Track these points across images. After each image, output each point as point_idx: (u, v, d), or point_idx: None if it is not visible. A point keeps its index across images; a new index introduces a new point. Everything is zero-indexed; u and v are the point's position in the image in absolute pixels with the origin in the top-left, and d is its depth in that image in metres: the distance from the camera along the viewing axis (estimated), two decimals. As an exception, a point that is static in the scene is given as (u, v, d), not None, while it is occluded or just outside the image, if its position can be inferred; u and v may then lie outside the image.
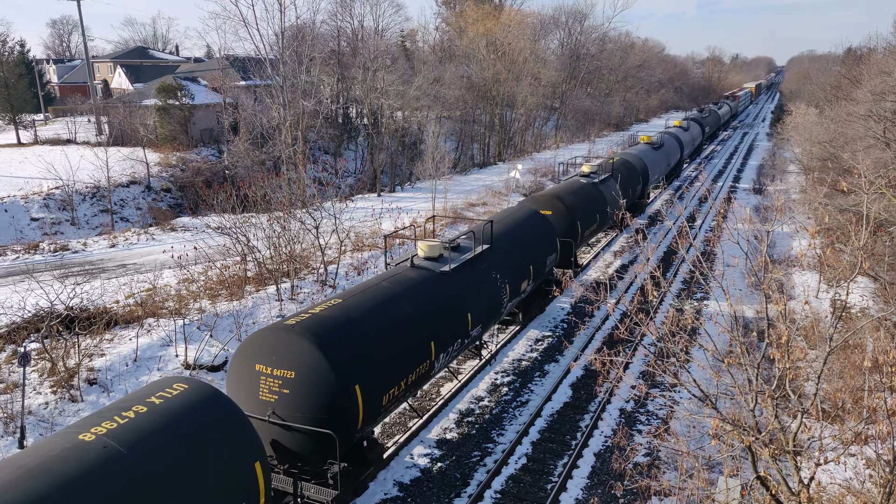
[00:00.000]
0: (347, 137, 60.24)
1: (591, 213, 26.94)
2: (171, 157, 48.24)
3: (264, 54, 44.82)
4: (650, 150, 41.98)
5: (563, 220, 24.79)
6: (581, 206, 26.09)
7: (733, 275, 26.21)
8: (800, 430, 8.82)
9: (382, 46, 54.21)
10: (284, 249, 24.08)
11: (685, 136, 54.28)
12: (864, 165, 18.92)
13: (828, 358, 8.75)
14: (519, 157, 62.23)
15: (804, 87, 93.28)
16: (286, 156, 43.52)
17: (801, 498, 8.40)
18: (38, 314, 18.83)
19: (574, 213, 25.19)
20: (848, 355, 16.32)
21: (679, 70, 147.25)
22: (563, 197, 25.71)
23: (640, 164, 36.92)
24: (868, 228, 9.84)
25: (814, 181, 34.00)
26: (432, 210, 36.62)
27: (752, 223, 11.92)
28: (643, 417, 16.81)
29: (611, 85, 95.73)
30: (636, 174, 35.59)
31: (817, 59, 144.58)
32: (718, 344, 10.03)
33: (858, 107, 31.63)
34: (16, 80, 58.55)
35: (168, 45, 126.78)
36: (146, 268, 26.19)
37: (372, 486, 13.81)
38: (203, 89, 58.33)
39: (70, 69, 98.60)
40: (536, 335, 21.85)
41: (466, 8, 74.30)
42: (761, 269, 9.57)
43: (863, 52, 67.14)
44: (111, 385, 16.68)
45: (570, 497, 13.62)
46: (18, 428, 14.25)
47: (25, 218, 36.12)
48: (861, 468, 12.24)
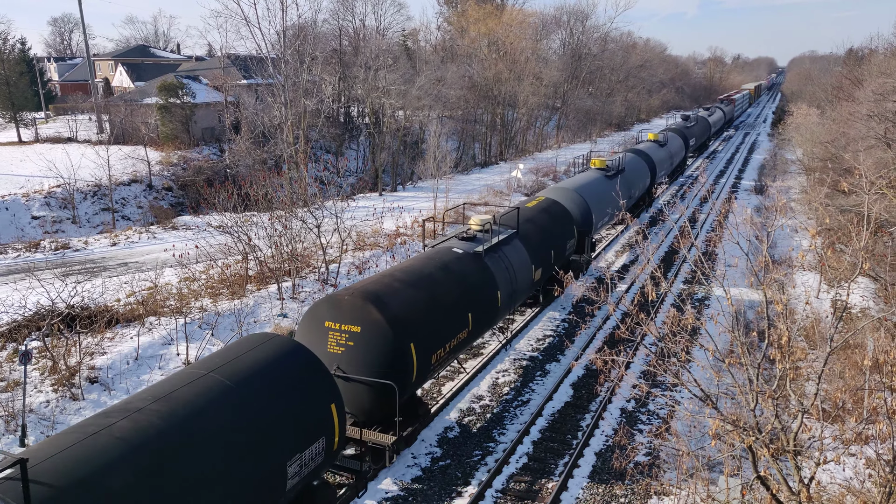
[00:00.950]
0: (349, 136, 60.25)
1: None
2: (173, 156, 48.26)
3: (266, 53, 44.82)
4: (601, 178, 30.34)
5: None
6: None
7: (734, 275, 26.22)
8: (800, 430, 8.83)
9: (384, 46, 54.20)
10: (286, 248, 24.09)
11: (659, 153, 42.31)
12: (865, 166, 18.91)
13: (828, 358, 8.76)
14: (520, 157, 62.22)
15: (805, 87, 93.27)
16: (288, 155, 43.53)
17: (801, 497, 8.42)
18: (40, 312, 18.85)
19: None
20: (848, 355, 16.32)
21: (680, 70, 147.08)
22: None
23: (582, 206, 26.48)
24: (869, 229, 9.85)
25: (815, 181, 33.98)
26: (433, 210, 36.62)
27: (752, 223, 11.94)
28: (644, 417, 16.82)
29: (612, 85, 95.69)
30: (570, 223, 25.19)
31: (819, 60, 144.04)
32: (719, 344, 10.04)
33: (860, 107, 31.63)
34: (17, 78, 58.55)
35: (169, 44, 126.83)
36: (147, 266, 26.21)
37: (372, 485, 13.83)
38: (204, 88, 58.34)
39: (71, 67, 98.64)
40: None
41: (468, 7, 74.27)
42: (762, 270, 9.58)
43: (864, 53, 67.14)
44: (112, 384, 16.71)
45: (572, 496, 13.63)
46: (19, 426, 14.28)
47: (26, 216, 36.15)
48: (861, 468, 12.25)
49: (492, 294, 17.49)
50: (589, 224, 26.37)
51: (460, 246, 17.83)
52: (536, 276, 20.80)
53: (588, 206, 26.46)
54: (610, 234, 35.43)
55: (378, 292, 13.90)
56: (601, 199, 28.36)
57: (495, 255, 18.43)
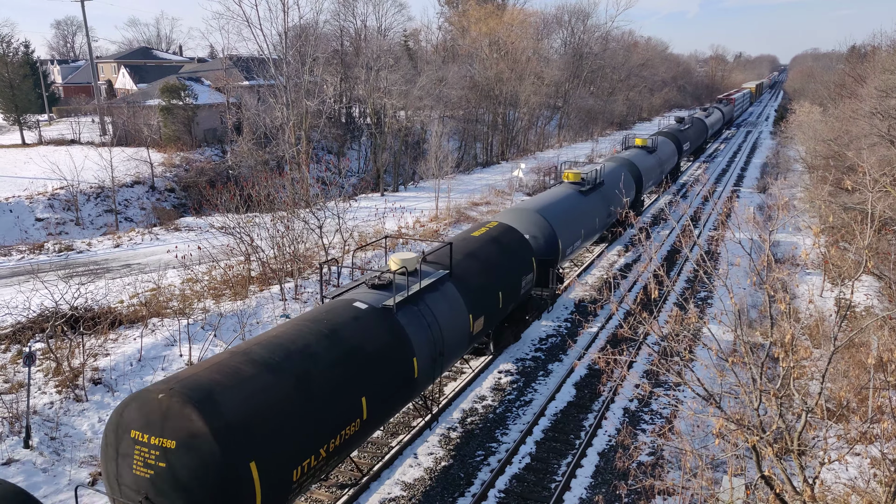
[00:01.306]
0: (351, 137, 60.28)
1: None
2: (175, 157, 48.34)
3: (267, 54, 44.87)
4: (573, 195, 26.22)
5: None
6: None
7: (737, 274, 26.16)
8: (804, 430, 8.80)
9: (385, 46, 54.24)
10: (288, 249, 24.11)
11: (647, 161, 37.52)
12: (868, 163, 18.88)
13: (832, 357, 8.73)
14: (522, 157, 62.19)
15: (808, 85, 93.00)
16: (289, 155, 43.57)
17: (805, 497, 8.39)
18: (43, 314, 18.89)
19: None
20: (853, 354, 16.27)
21: (682, 69, 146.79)
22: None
23: (546, 231, 22.43)
24: (873, 227, 9.81)
25: (818, 179, 33.91)
26: (436, 209, 36.63)
27: (755, 222, 11.91)
28: (647, 417, 16.79)
29: (614, 84, 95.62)
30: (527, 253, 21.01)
31: (821, 58, 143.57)
32: (722, 343, 10.01)
33: (863, 104, 31.54)
34: (20, 80, 58.70)
35: (171, 46, 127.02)
36: (150, 268, 26.25)
37: (374, 485, 13.82)
38: (206, 89, 58.43)
39: (74, 70, 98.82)
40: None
41: (469, 7, 74.28)
42: (764, 269, 9.55)
43: (867, 50, 66.94)
44: (116, 385, 16.74)
45: (574, 496, 13.62)
46: (24, 427, 14.31)
47: (30, 218, 36.24)
48: (866, 467, 12.21)
49: (403, 362, 13.34)
50: (554, 252, 22.20)
51: (366, 297, 13.84)
52: (476, 327, 16.59)
53: (553, 230, 22.24)
54: (586, 257, 30.52)
55: (210, 385, 9.74)
56: (571, 220, 24.21)
57: (415, 307, 14.38)
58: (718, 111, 78.07)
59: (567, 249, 23.52)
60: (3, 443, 14.11)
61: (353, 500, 13.26)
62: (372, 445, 15.33)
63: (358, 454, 14.76)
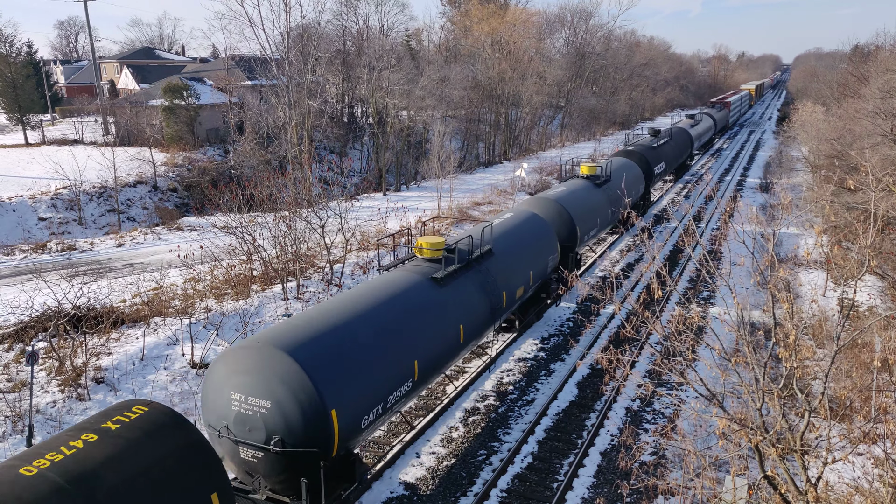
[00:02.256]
0: (353, 137, 60.30)
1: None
2: (178, 157, 48.40)
3: (270, 54, 44.91)
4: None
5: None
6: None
7: (740, 273, 26.12)
8: (807, 429, 8.78)
9: (387, 46, 54.25)
10: (290, 249, 24.12)
11: (587, 201, 26.49)
12: (871, 163, 18.83)
13: (835, 356, 8.70)
14: (524, 156, 62.17)
15: (811, 84, 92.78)
16: (292, 155, 43.59)
17: (808, 497, 8.36)
18: (46, 313, 18.92)
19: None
20: (856, 354, 16.24)
21: (685, 68, 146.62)
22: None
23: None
24: (876, 226, 9.78)
25: (821, 179, 33.85)
26: (438, 209, 36.61)
27: (758, 222, 11.88)
28: (649, 416, 16.77)
29: (616, 83, 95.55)
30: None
31: (824, 57, 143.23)
32: (725, 343, 9.99)
33: (866, 104, 31.47)
34: (23, 80, 58.84)
35: (174, 46, 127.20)
36: (153, 267, 26.28)
37: (376, 485, 13.82)
38: (209, 89, 58.49)
39: (77, 70, 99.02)
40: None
41: (471, 7, 74.28)
42: (767, 268, 9.53)
43: (870, 50, 66.83)
44: (118, 384, 16.75)
45: (577, 496, 13.60)
46: (27, 426, 14.33)
47: (33, 218, 36.31)
48: (869, 467, 12.17)
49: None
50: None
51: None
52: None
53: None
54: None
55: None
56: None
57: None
58: (709, 118, 66.92)
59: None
60: (5, 441, 14.14)
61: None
62: (374, 444, 15.32)
63: (359, 451, 14.75)
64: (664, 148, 43.00)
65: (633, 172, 33.85)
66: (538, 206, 24.34)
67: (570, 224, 24.20)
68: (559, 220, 24.02)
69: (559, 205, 24.41)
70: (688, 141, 51.69)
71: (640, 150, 38.85)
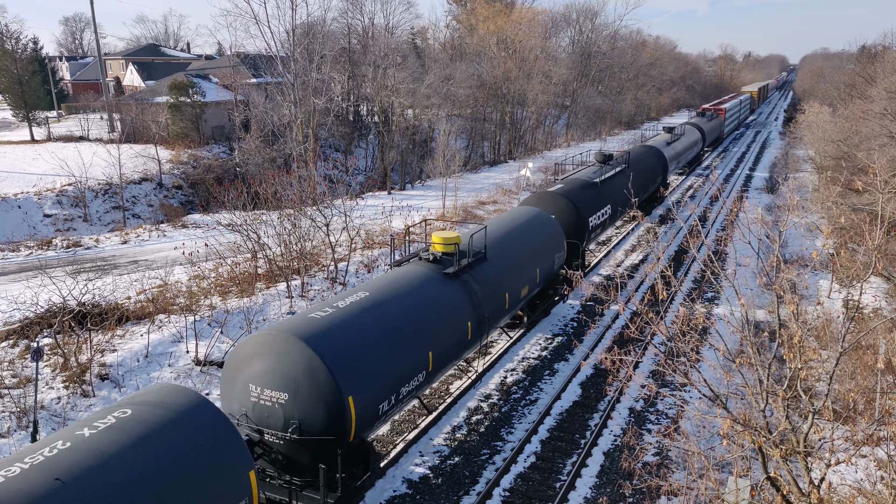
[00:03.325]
0: (358, 135, 60.35)
1: None
2: (183, 155, 48.50)
3: (275, 52, 44.97)
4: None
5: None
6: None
7: (745, 274, 26.05)
8: (811, 431, 8.76)
9: (393, 44, 54.24)
10: (295, 247, 24.15)
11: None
12: (878, 164, 18.75)
13: (840, 358, 8.67)
14: (529, 156, 62.11)
15: (818, 85, 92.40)
16: (297, 153, 43.65)
17: (811, 499, 8.34)
18: (51, 310, 18.99)
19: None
20: (860, 356, 16.18)
21: (691, 68, 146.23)
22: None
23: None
24: (882, 228, 9.75)
25: (827, 180, 33.72)
26: (443, 208, 36.61)
27: (764, 222, 11.85)
28: (653, 417, 16.74)
29: (622, 83, 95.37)
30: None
31: (831, 58, 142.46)
32: (729, 344, 9.96)
33: (873, 105, 31.34)
34: (29, 77, 59.02)
35: (179, 43, 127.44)
36: (157, 264, 26.35)
37: (380, 483, 13.84)
38: (214, 87, 58.58)
39: (82, 66, 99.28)
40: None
41: (477, 5, 74.22)
42: (773, 269, 9.50)
43: (877, 50, 66.54)
44: (122, 381, 16.82)
45: (580, 496, 13.59)
46: (31, 422, 14.40)
47: (38, 214, 36.44)
48: (872, 470, 12.14)
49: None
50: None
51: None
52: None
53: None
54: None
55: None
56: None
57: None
58: (695, 130, 53.67)
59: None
60: (10, 437, 14.21)
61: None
62: (378, 443, 15.34)
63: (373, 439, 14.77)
64: (614, 181, 28.75)
65: (548, 233, 21.61)
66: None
67: None
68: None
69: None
70: (658, 165, 38.12)
71: (568, 191, 25.12)
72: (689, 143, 49.71)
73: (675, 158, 43.82)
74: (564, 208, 24.51)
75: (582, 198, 25.49)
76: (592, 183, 27.46)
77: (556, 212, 23.94)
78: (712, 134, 63.10)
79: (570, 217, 24.50)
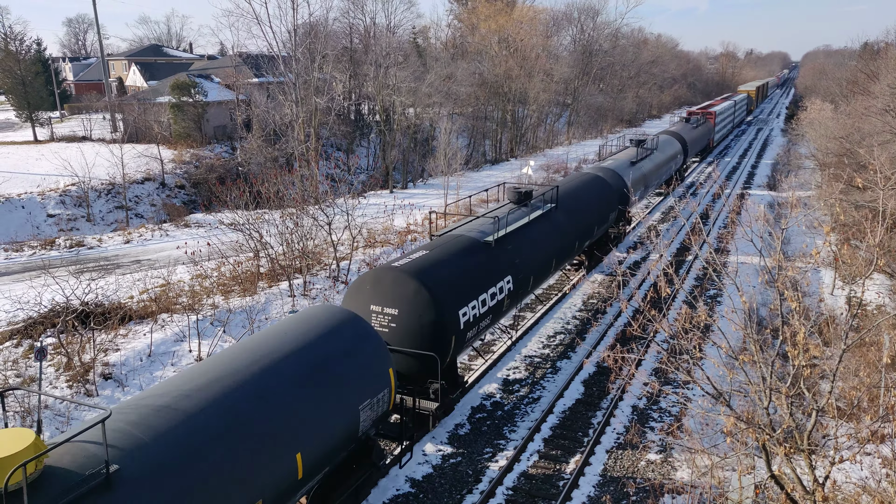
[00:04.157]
0: (360, 134, 60.36)
1: None
2: (185, 154, 48.57)
3: (277, 51, 44.99)
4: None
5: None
6: None
7: (748, 271, 26.00)
8: (815, 429, 8.74)
9: (394, 43, 54.23)
10: (297, 246, 24.18)
11: None
12: (880, 161, 18.71)
13: (843, 355, 8.66)
14: (531, 154, 62.07)
15: (820, 82, 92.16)
16: (299, 152, 43.67)
17: (815, 497, 8.33)
18: (54, 309, 19.03)
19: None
20: (864, 353, 16.15)
21: (692, 66, 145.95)
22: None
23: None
24: (884, 225, 9.73)
25: (829, 177, 33.66)
26: (444, 206, 36.60)
27: (766, 220, 11.83)
28: (656, 415, 16.73)
29: (623, 81, 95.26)
30: None
31: (833, 55, 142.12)
32: (732, 341, 9.95)
33: (875, 102, 31.27)
34: (32, 78, 59.15)
35: (182, 43, 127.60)
36: (160, 264, 26.39)
37: (383, 482, 13.86)
38: (216, 86, 58.64)
39: (85, 67, 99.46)
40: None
41: (478, 5, 74.18)
42: (775, 266, 9.49)
43: (880, 47, 66.39)
44: (126, 380, 16.85)
45: (583, 494, 13.59)
46: (35, 422, 14.43)
47: (42, 214, 36.52)
48: (877, 467, 12.12)
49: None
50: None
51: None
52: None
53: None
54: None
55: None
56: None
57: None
58: (674, 142, 42.82)
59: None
60: (14, 437, 14.23)
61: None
62: (380, 442, 15.34)
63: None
64: (526, 234, 19.29)
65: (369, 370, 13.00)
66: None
67: None
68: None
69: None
70: (611, 196, 26.94)
71: (421, 271, 14.98)
72: (665, 158, 38.60)
73: (642, 183, 32.87)
74: (416, 300, 14.43)
75: (443, 281, 15.06)
76: (481, 245, 17.09)
77: (405, 306, 14.48)
78: (698, 144, 52.74)
79: (424, 314, 14.39)
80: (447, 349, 14.69)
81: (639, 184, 32.12)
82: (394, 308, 14.44)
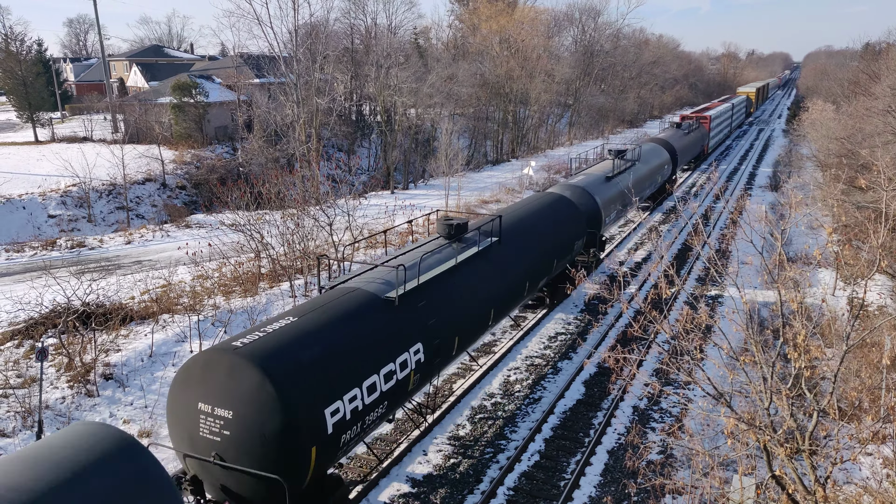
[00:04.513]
0: (361, 135, 60.38)
1: None
2: (186, 155, 48.60)
3: (278, 52, 45.03)
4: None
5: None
6: None
7: (749, 272, 25.98)
8: (816, 429, 8.73)
9: (395, 44, 54.28)
10: (298, 246, 24.19)
11: None
12: (882, 162, 18.69)
13: (845, 356, 8.65)
14: (532, 154, 62.07)
15: (821, 82, 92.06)
16: (300, 153, 43.69)
17: (817, 497, 8.32)
18: (56, 310, 19.05)
19: None
20: (865, 354, 16.14)
21: (694, 66, 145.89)
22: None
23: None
24: (886, 225, 9.72)
25: (831, 177, 33.66)
26: (445, 207, 36.61)
27: (767, 220, 11.82)
28: (657, 415, 16.72)
29: (625, 81, 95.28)
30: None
31: (835, 55, 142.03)
32: (733, 342, 9.94)
33: (877, 102, 31.25)
34: (33, 78, 59.22)
35: (183, 44, 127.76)
36: (161, 264, 26.41)
37: (383, 481, 13.85)
38: (217, 87, 58.69)
39: (86, 68, 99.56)
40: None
41: (480, 5, 74.23)
42: (776, 267, 9.48)
43: (882, 48, 66.34)
44: (127, 380, 16.86)
45: (584, 494, 13.58)
46: (36, 422, 14.44)
47: (43, 215, 36.55)
48: (878, 467, 12.11)
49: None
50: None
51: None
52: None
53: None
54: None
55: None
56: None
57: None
58: (661, 151, 39.13)
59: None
60: (15, 437, 14.26)
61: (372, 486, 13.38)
62: (381, 442, 15.35)
63: (367, 451, 14.78)
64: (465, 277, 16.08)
65: None
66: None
67: None
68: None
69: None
70: (577, 222, 23.51)
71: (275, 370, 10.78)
72: (649, 170, 34.79)
73: (619, 201, 28.36)
74: (257, 398, 11.06)
75: (302, 368, 11.30)
76: (380, 304, 13.28)
77: (241, 407, 11.46)
78: (689, 152, 48.35)
79: (267, 419, 11.08)
80: (304, 467, 10.24)
81: (614, 202, 27.76)
82: (227, 409, 10.05)
